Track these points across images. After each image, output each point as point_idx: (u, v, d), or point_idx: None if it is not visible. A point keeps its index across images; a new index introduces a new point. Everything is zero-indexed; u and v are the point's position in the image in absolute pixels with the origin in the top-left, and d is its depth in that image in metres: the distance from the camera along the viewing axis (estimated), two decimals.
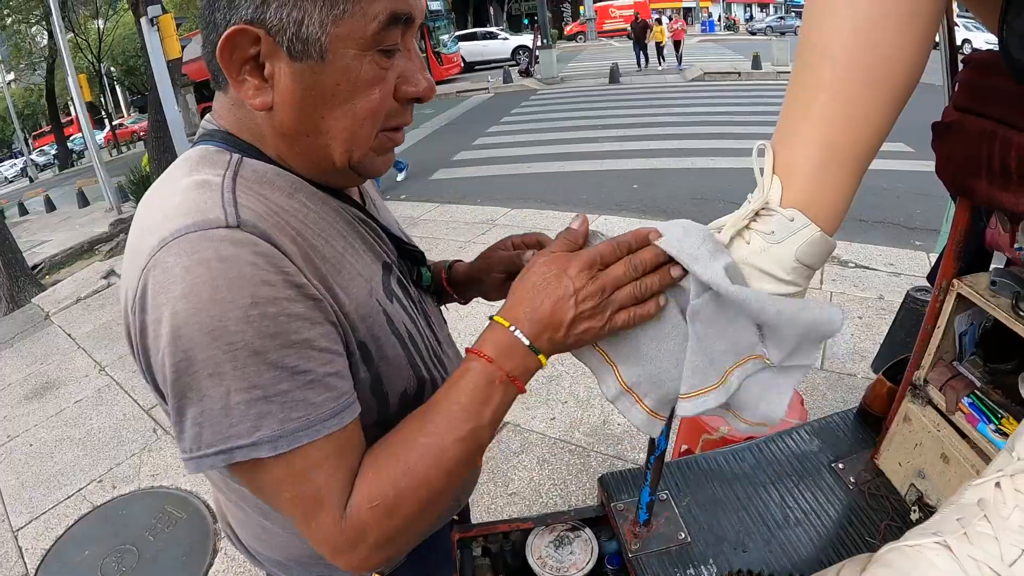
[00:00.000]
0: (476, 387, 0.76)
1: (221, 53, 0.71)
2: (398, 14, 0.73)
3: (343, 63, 0.73)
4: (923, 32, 0.72)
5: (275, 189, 0.78)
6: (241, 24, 0.70)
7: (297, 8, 0.70)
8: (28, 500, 3.57)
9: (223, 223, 0.68)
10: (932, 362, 1.23)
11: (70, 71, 11.85)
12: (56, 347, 5.74)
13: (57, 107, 30.56)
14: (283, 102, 0.75)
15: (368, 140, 0.80)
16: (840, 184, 0.76)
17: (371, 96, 0.76)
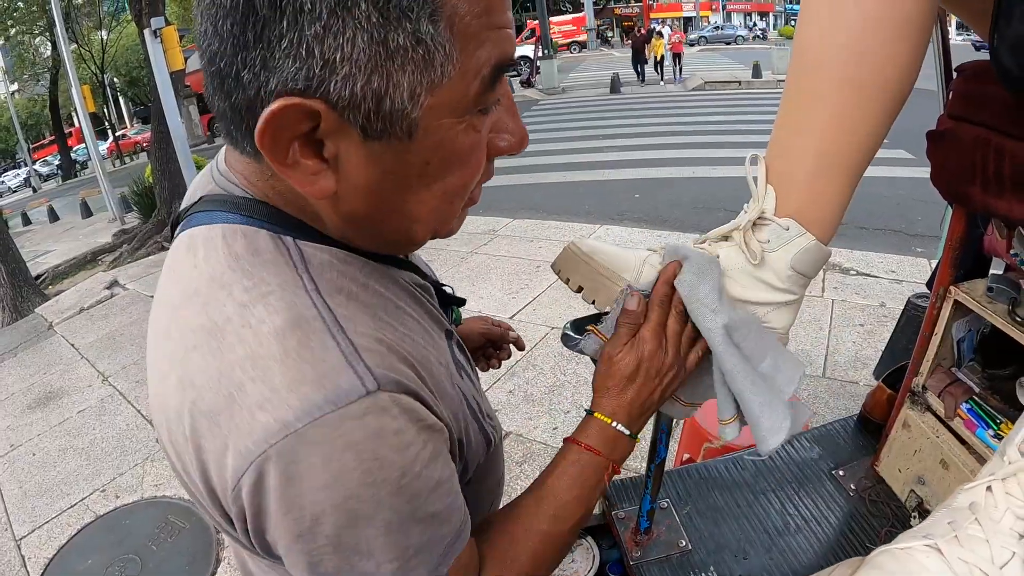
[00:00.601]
0: (587, 479, 0.79)
1: (261, 137, 0.52)
2: (504, 61, 0.58)
3: (436, 137, 0.57)
4: (915, 41, 0.73)
5: (349, 281, 0.64)
6: (290, 98, 0.51)
7: (378, 76, 0.52)
8: (31, 509, 3.56)
9: (362, 390, 0.54)
10: (930, 369, 1.23)
11: (74, 82, 11.89)
12: (59, 357, 5.73)
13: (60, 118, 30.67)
14: (352, 188, 0.59)
15: (456, 213, 0.68)
16: (834, 193, 0.77)
17: (466, 169, 0.62)
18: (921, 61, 0.75)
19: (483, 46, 0.55)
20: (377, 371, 0.56)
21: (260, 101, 0.52)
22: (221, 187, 0.67)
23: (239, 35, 0.50)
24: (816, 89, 0.75)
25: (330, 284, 0.61)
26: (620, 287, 0.81)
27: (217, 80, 0.54)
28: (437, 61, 0.52)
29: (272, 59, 0.50)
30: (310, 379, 0.53)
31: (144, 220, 10.75)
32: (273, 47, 0.49)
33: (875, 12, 0.71)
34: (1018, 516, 0.56)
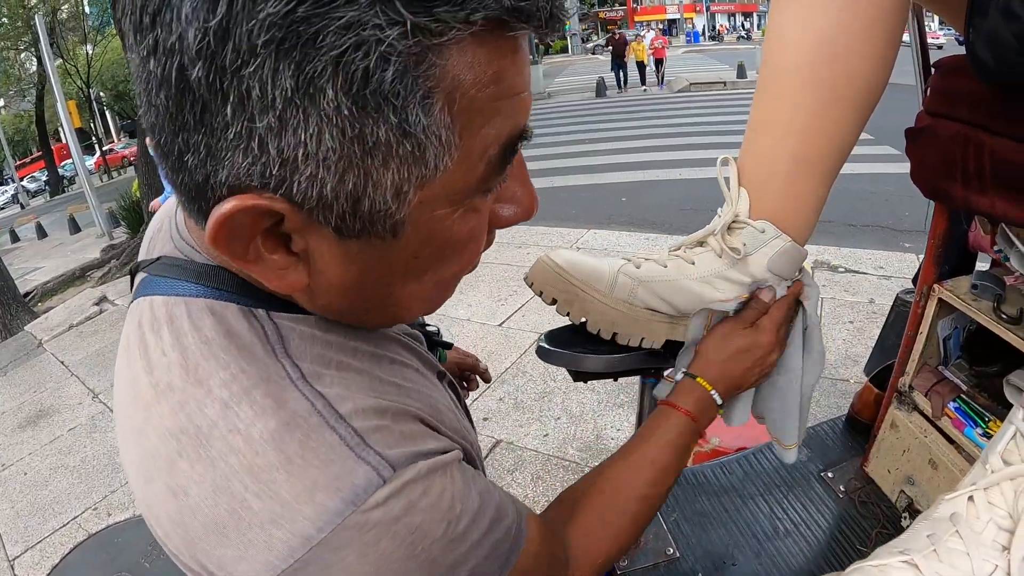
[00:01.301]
0: (683, 442, 0.80)
1: (214, 239, 0.44)
2: (516, 136, 0.48)
3: (427, 230, 0.49)
4: (886, 40, 0.72)
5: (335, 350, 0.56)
6: (245, 198, 0.43)
7: (353, 175, 0.42)
8: (23, 529, 3.53)
9: (379, 481, 0.48)
10: (917, 368, 1.22)
11: (59, 97, 11.84)
12: (49, 375, 5.68)
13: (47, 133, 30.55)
14: (327, 283, 0.52)
15: (451, 293, 0.61)
16: (810, 193, 0.76)
17: (463, 256, 0.55)
18: (893, 59, 0.74)
19: (491, 121, 0.45)
20: (390, 453, 0.50)
21: (210, 189, 0.44)
22: (180, 250, 0.59)
23: (176, 113, 0.41)
24: (788, 90, 0.74)
25: (316, 362, 0.54)
26: (594, 298, 0.80)
27: (160, 153, 0.45)
28: (430, 154, 0.43)
29: (218, 149, 0.41)
30: (322, 485, 0.47)
31: (132, 235, 10.71)
32: (218, 135, 0.41)
33: (845, 12, 0.70)
34: (1001, 527, 0.54)
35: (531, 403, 3.70)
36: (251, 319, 0.54)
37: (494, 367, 4.12)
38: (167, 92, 0.40)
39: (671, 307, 0.80)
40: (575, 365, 0.85)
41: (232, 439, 0.48)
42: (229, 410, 0.49)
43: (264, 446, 0.48)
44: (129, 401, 0.56)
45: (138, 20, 0.40)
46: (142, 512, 0.55)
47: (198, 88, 0.39)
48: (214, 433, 0.49)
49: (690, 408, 0.81)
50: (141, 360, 0.55)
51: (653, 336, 0.82)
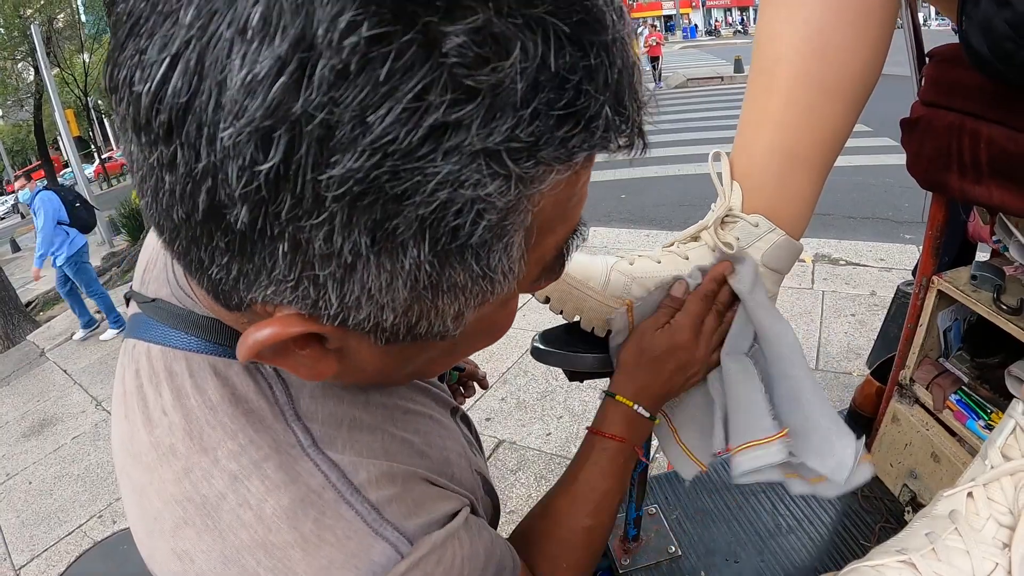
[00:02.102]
0: (617, 467, 0.78)
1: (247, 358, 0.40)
2: (570, 235, 0.46)
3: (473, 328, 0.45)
4: (876, 32, 0.71)
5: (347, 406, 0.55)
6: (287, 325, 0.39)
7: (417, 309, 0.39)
8: (29, 538, 3.55)
9: (397, 557, 0.47)
10: (917, 361, 1.21)
11: (57, 106, 11.84)
12: (52, 383, 5.70)
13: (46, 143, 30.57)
14: (358, 370, 0.48)
15: None
16: (802, 187, 0.75)
17: (494, 337, 0.53)
18: (886, 50, 0.74)
19: (555, 231, 0.43)
20: (406, 526, 0.49)
21: (237, 302, 0.39)
22: (177, 299, 0.55)
23: (200, 234, 0.34)
24: (779, 84, 0.73)
25: (327, 423, 0.52)
26: (588, 295, 0.79)
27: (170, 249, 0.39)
28: (498, 285, 0.39)
29: (257, 278, 0.36)
30: (339, 563, 0.45)
31: (132, 242, 10.72)
32: (257, 267, 0.35)
33: (835, 7, 0.70)
34: (1001, 524, 0.53)
35: (533, 402, 3.69)
36: (258, 378, 0.51)
37: (495, 367, 4.11)
38: (188, 211, 0.33)
39: None
40: (570, 364, 0.84)
41: (243, 513, 0.46)
42: (239, 483, 0.47)
43: (278, 523, 0.46)
44: (129, 457, 0.53)
45: (142, 120, 0.32)
46: (144, 556, 0.53)
47: (236, 224, 0.32)
48: (223, 505, 0.47)
49: (615, 432, 0.78)
50: (140, 415, 0.53)
51: None
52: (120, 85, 0.32)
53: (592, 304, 0.79)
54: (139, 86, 0.31)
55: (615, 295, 0.79)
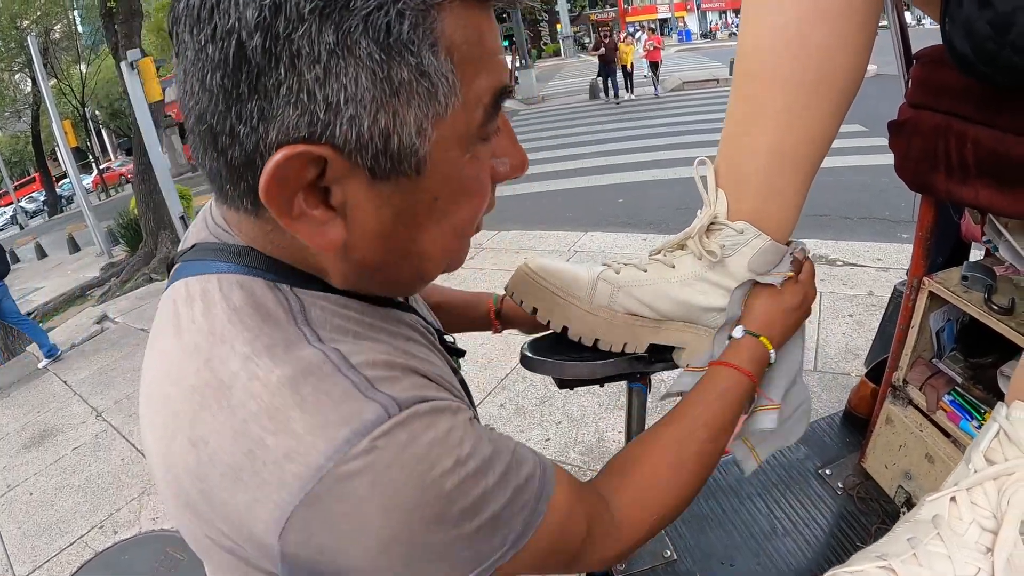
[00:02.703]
0: (739, 402, 0.81)
1: (267, 192, 0.50)
2: (501, 88, 0.57)
3: (444, 171, 0.55)
4: (858, 33, 0.71)
5: (351, 323, 0.62)
6: (294, 147, 0.49)
7: (384, 113, 0.50)
8: (31, 549, 3.55)
9: (386, 416, 0.51)
10: (910, 362, 1.22)
11: (54, 117, 11.86)
12: (52, 394, 5.70)
13: (44, 153, 30.59)
14: (362, 234, 0.57)
15: (467, 249, 0.68)
16: (787, 191, 0.75)
17: (474, 200, 0.61)
18: (869, 50, 0.74)
19: (480, 74, 0.54)
20: (398, 394, 0.53)
21: (259, 155, 0.50)
22: (215, 235, 0.64)
23: (231, 88, 0.48)
24: (762, 88, 0.73)
25: (334, 331, 0.58)
26: (574, 305, 0.79)
27: (209, 138, 0.52)
28: (440, 93, 0.51)
29: (270, 109, 0.48)
30: (333, 421, 0.50)
31: (131, 253, 10.74)
32: (271, 96, 0.48)
33: (817, 4, 0.70)
34: (984, 528, 0.53)
35: (532, 408, 3.69)
36: (276, 292, 0.59)
37: (494, 373, 4.11)
38: (224, 70, 0.48)
39: (653, 311, 0.79)
40: (558, 373, 0.84)
41: (252, 386, 0.52)
42: (250, 361, 0.53)
43: (281, 389, 0.51)
44: (156, 364, 0.60)
45: (195, 16, 0.48)
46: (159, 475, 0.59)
47: (254, 57, 0.47)
48: (235, 383, 0.53)
49: (746, 366, 0.82)
50: (172, 330, 0.60)
51: (636, 341, 0.81)
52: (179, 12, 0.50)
53: (578, 314, 0.79)
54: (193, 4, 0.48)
55: (601, 304, 0.79)
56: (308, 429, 0.50)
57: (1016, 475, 0.52)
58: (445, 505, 0.52)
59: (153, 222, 9.83)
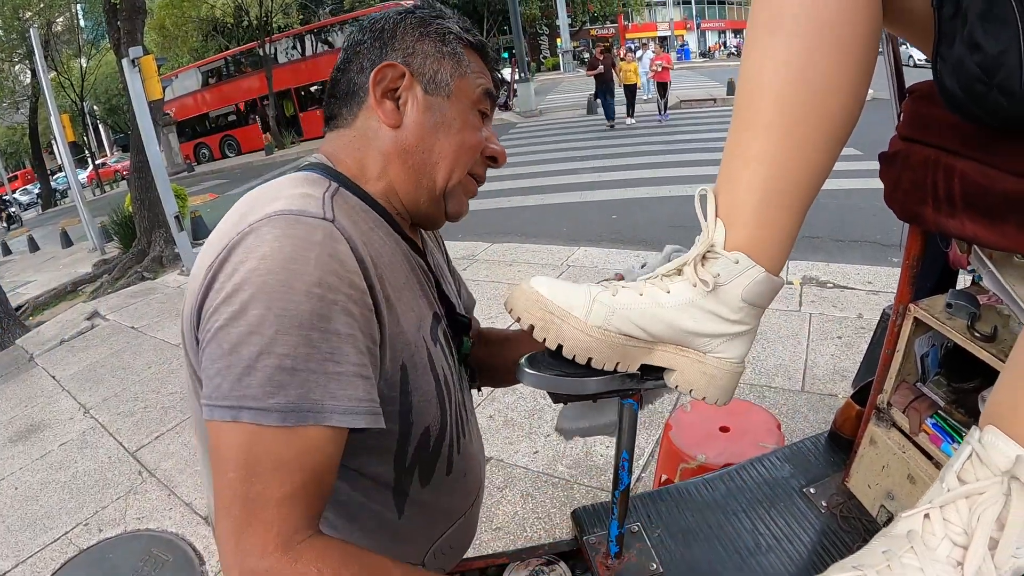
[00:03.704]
0: None
1: (375, 78, 0.93)
2: (490, 91, 1.01)
3: (461, 106, 0.97)
4: (856, 72, 0.74)
5: (362, 216, 0.90)
6: (392, 61, 0.93)
7: (436, 61, 0.95)
8: (14, 544, 3.52)
9: (320, 215, 0.78)
10: (895, 385, 1.25)
11: (53, 111, 11.84)
12: (40, 389, 5.67)
13: (40, 146, 30.45)
14: (411, 123, 0.95)
15: (465, 168, 0.99)
16: (782, 225, 0.77)
17: (474, 136, 0.98)
18: (865, 90, 0.76)
19: (478, 78, 0.99)
20: (339, 222, 0.80)
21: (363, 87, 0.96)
22: (312, 158, 0.99)
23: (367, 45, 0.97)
24: (761, 120, 0.75)
25: (344, 207, 0.86)
26: (569, 325, 0.81)
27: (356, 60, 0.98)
28: (463, 65, 0.97)
29: (383, 53, 0.96)
30: (293, 204, 0.79)
31: (124, 250, 10.67)
32: (385, 47, 0.96)
33: (815, 42, 0.72)
34: (956, 543, 0.56)
35: (521, 420, 3.71)
36: (327, 182, 0.89)
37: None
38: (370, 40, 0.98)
39: (646, 333, 0.81)
40: (553, 387, 0.86)
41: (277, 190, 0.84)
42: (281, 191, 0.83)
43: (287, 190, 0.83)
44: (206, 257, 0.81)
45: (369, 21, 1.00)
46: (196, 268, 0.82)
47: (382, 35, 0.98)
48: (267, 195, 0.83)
49: None
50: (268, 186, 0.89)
51: (628, 361, 0.83)
52: None
53: (574, 333, 0.81)
54: None
55: (596, 325, 0.81)
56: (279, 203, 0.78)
57: (987, 494, 0.55)
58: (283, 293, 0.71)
59: (148, 220, 9.79)
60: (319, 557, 0.69)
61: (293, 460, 0.70)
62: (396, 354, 0.85)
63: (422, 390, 0.91)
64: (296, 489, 0.70)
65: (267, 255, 0.71)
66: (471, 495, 1.14)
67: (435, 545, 1.07)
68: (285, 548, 0.68)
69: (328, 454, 0.73)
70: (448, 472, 1.02)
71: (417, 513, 0.99)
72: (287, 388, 0.69)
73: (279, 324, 0.69)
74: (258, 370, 0.69)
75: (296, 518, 0.70)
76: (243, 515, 0.69)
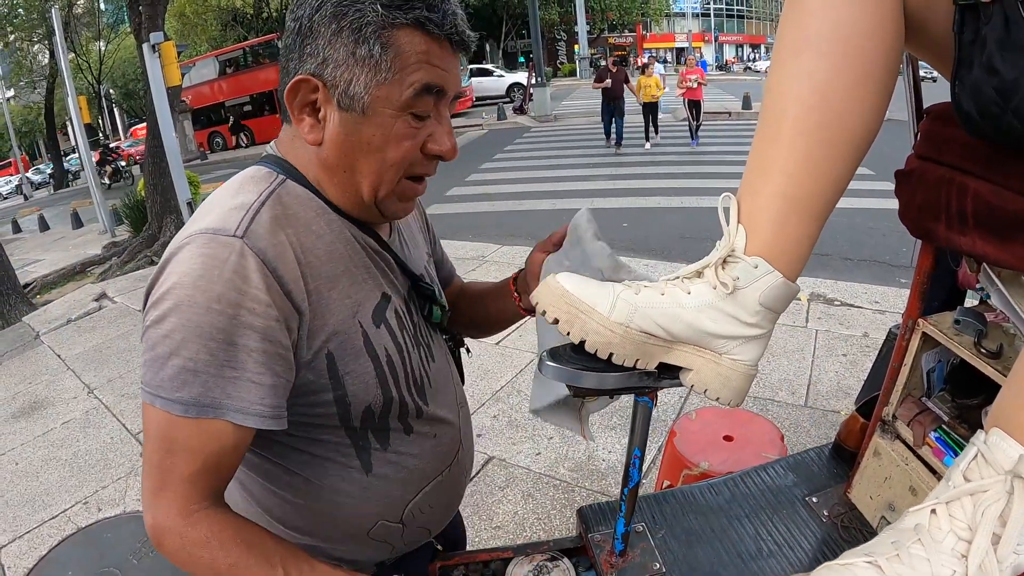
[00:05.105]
0: None
1: (288, 94, 0.92)
2: (430, 85, 0.90)
3: (380, 119, 0.90)
4: (876, 93, 0.77)
5: (305, 208, 0.95)
6: (305, 75, 0.90)
7: (348, 70, 0.88)
8: (12, 519, 3.54)
9: (231, 232, 0.85)
10: (900, 398, 1.27)
11: (71, 92, 11.90)
12: (45, 367, 5.71)
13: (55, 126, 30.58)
14: (329, 141, 0.93)
15: (391, 184, 0.96)
16: (801, 233, 0.80)
17: (399, 149, 0.93)
18: (885, 109, 0.79)
19: (416, 71, 0.89)
20: (252, 233, 0.86)
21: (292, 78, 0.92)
22: (269, 149, 1.04)
23: (291, 45, 0.92)
24: (783, 134, 0.78)
25: (283, 201, 0.93)
26: (593, 320, 0.84)
27: (281, 74, 0.95)
28: (382, 69, 0.88)
29: (301, 58, 0.91)
30: (217, 220, 0.87)
31: (135, 234, 10.73)
32: (304, 52, 0.90)
33: (839, 62, 0.75)
34: (960, 537, 0.59)
35: (525, 422, 3.73)
36: (274, 176, 0.97)
37: (489, 385, 4.15)
38: (292, 35, 0.92)
39: (666, 332, 0.84)
40: (574, 380, 0.88)
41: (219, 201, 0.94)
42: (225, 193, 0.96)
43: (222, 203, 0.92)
44: None
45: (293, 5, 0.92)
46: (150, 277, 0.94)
47: (302, 32, 0.90)
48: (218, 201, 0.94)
49: None
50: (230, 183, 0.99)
51: (647, 358, 0.85)
52: None
53: (597, 328, 0.84)
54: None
55: (619, 321, 0.83)
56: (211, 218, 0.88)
57: (990, 492, 0.58)
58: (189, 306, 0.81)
59: (160, 205, 9.84)
60: (211, 524, 0.86)
61: (197, 446, 0.85)
62: (319, 346, 0.94)
63: (355, 373, 0.98)
64: (198, 469, 0.86)
65: (185, 272, 0.83)
66: (447, 456, 1.18)
67: (412, 503, 1.12)
68: (186, 514, 0.85)
69: (228, 444, 0.86)
70: (408, 434, 1.09)
71: (386, 471, 1.07)
72: (190, 385, 0.83)
73: (185, 332, 0.82)
74: (168, 367, 0.82)
75: (198, 492, 0.86)
76: (158, 481, 0.86)
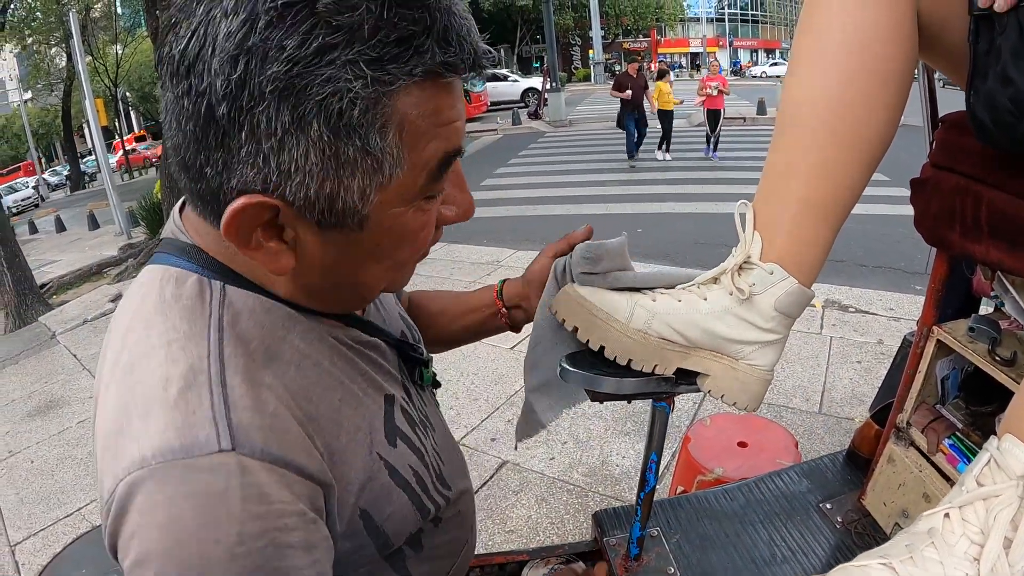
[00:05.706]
0: None
1: (227, 230, 0.58)
2: (450, 153, 0.63)
3: (386, 224, 0.63)
4: (892, 99, 0.78)
5: (266, 328, 0.67)
6: (252, 196, 0.56)
7: (330, 182, 0.57)
8: (27, 516, 3.58)
9: (215, 447, 0.56)
10: (915, 405, 1.27)
11: (88, 94, 12.00)
12: (61, 367, 5.77)
13: (72, 129, 30.85)
14: (309, 266, 0.65)
15: (407, 278, 0.76)
16: (816, 240, 0.82)
17: (415, 244, 0.69)
18: (900, 115, 0.80)
19: (431, 143, 0.60)
20: (239, 431, 0.57)
21: (223, 193, 0.58)
22: (173, 233, 0.71)
23: (201, 138, 0.55)
24: (799, 140, 0.80)
25: (241, 335, 0.64)
26: (612, 327, 0.85)
27: (182, 167, 0.60)
28: (386, 166, 0.58)
29: (232, 163, 0.56)
30: (176, 426, 0.56)
31: (151, 236, 10.83)
32: (233, 154, 0.55)
33: (854, 70, 0.77)
34: (973, 541, 0.60)
35: None
36: (205, 287, 0.66)
37: (503, 389, 4.16)
38: (195, 123, 0.55)
39: (683, 338, 0.85)
40: (593, 385, 0.90)
41: (145, 374, 0.60)
42: (154, 351, 0.61)
43: (159, 384, 0.58)
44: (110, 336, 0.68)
45: (175, 69, 0.54)
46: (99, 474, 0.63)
47: (221, 120, 0.53)
48: (138, 366, 0.61)
49: None
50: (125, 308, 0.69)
51: (665, 364, 0.87)
52: (163, 57, 0.56)
53: (616, 335, 0.86)
54: (174, 51, 0.54)
55: (637, 328, 0.85)
56: (157, 425, 0.56)
57: (1003, 497, 0.59)
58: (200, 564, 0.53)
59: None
60: None
61: None
62: (350, 512, 0.70)
63: (393, 515, 0.76)
64: None
65: (166, 525, 0.54)
66: (468, 519, 0.99)
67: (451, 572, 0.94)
68: None
69: None
70: (437, 526, 0.88)
71: (424, 569, 0.87)
72: None
73: None
74: None
75: None
76: None
